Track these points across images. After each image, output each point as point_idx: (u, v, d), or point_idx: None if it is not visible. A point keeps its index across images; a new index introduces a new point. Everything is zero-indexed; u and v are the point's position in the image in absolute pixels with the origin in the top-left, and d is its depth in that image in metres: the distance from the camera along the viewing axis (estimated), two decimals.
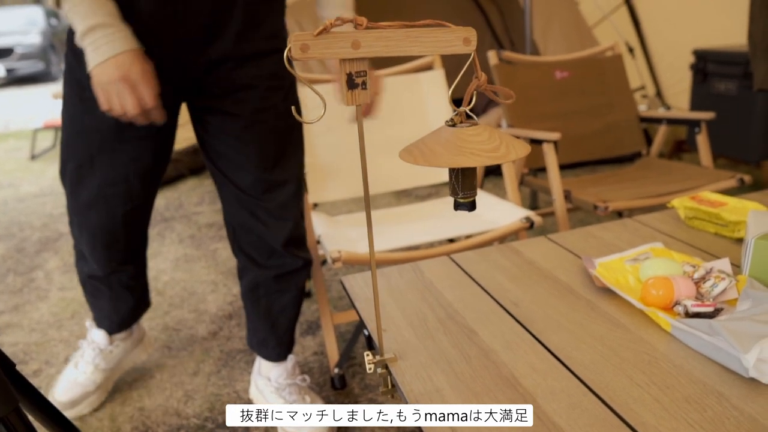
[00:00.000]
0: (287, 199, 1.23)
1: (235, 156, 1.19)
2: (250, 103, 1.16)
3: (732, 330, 0.64)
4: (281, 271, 1.31)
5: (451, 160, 0.55)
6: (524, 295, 0.86)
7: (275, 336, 1.38)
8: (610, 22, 3.70)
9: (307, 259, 1.33)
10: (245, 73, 1.14)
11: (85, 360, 1.49)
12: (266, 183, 1.21)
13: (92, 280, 1.38)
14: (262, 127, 1.18)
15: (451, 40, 0.58)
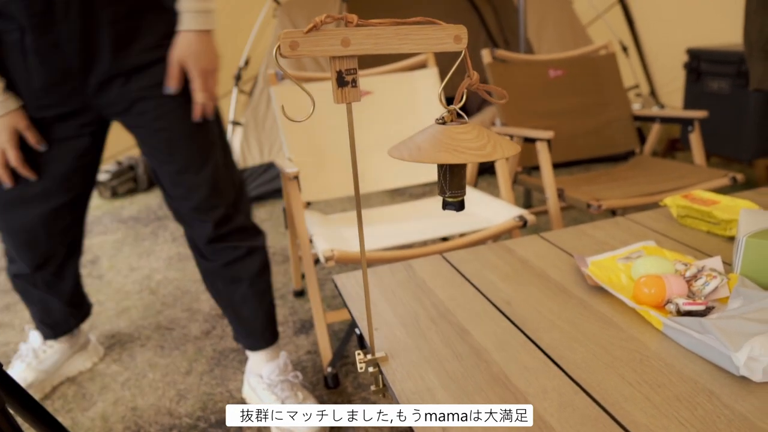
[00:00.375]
0: (200, 202, 1.27)
1: (154, 164, 1.27)
2: (149, 114, 1.20)
3: (723, 328, 0.64)
4: (225, 261, 1.34)
5: (436, 156, 0.54)
6: (516, 294, 0.85)
7: (244, 326, 1.41)
8: (604, 21, 3.71)
9: (251, 248, 1.35)
10: (134, 86, 1.18)
11: (19, 358, 1.56)
12: (179, 187, 1.26)
13: (18, 279, 1.43)
14: (165, 135, 1.22)
15: (441, 38, 0.58)
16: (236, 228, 1.33)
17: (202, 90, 1.17)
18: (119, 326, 1.89)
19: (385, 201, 2.95)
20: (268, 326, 1.43)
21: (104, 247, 2.60)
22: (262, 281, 1.39)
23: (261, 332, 1.42)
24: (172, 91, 1.18)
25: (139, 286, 2.17)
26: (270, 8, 3.21)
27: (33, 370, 1.53)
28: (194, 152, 1.24)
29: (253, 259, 1.36)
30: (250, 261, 1.36)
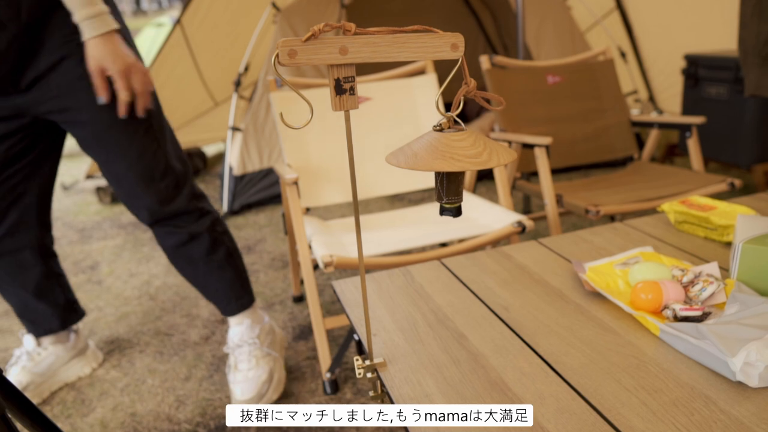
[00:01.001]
0: (129, 190, 1.33)
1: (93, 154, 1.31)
2: (71, 110, 1.24)
3: (719, 334, 0.65)
4: (173, 244, 1.43)
5: (432, 164, 0.55)
6: (514, 300, 0.86)
7: (212, 297, 1.51)
8: (602, 27, 3.73)
9: (193, 233, 1.42)
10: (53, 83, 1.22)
11: (15, 363, 1.57)
12: (109, 176, 1.32)
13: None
14: (89, 129, 1.26)
15: (438, 46, 0.58)
16: (173, 213, 1.39)
17: (125, 89, 1.20)
18: (118, 332, 1.89)
19: (384, 206, 2.96)
20: (233, 296, 1.51)
21: (104, 252, 2.61)
22: (215, 259, 1.46)
23: (226, 302, 1.51)
24: (104, 101, 1.21)
25: (139, 292, 2.17)
26: (270, 14, 3.23)
27: (28, 372, 1.54)
28: (118, 141, 1.27)
29: (198, 243, 1.43)
30: (196, 244, 1.43)
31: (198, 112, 3.90)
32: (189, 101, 3.77)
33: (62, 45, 1.19)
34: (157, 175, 1.33)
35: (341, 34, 0.56)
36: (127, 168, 1.30)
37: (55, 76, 1.21)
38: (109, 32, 1.15)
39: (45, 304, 1.54)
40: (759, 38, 1.56)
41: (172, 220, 1.40)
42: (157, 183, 1.34)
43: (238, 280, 1.51)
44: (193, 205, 1.42)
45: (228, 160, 3.05)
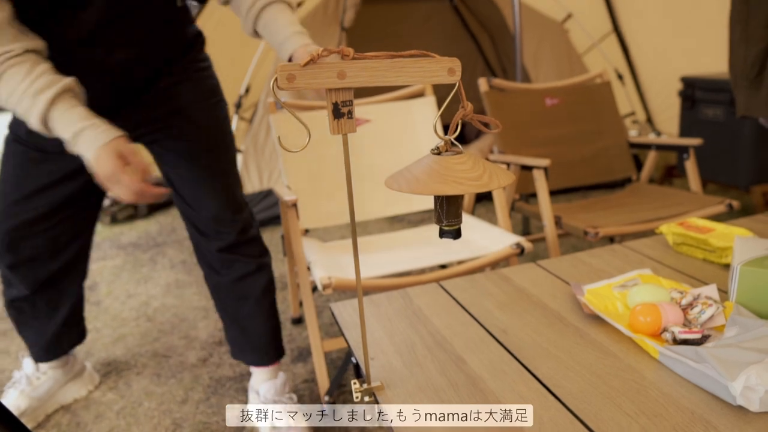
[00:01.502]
0: (220, 210, 1.34)
1: (177, 170, 1.34)
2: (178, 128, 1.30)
3: (719, 357, 0.64)
4: (235, 277, 1.40)
5: (434, 187, 0.55)
6: (513, 323, 0.85)
7: (249, 342, 1.45)
8: (599, 50, 3.76)
9: (260, 264, 1.42)
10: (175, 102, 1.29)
11: (13, 386, 1.55)
12: (200, 194, 1.33)
13: (16, 303, 1.44)
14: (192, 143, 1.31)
15: (436, 70, 0.59)
16: (251, 238, 1.40)
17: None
18: (115, 353, 1.87)
19: (383, 228, 2.96)
20: (273, 343, 1.47)
21: (103, 273, 2.60)
22: (267, 299, 1.44)
23: (266, 349, 1.46)
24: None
25: (137, 313, 2.16)
26: None
27: (26, 397, 1.52)
28: (216, 166, 1.33)
29: (261, 276, 1.42)
30: (259, 277, 1.41)
31: None
32: None
33: (184, 70, 1.29)
34: (241, 199, 1.39)
35: (339, 58, 0.57)
36: (223, 188, 1.34)
37: (171, 94, 1.28)
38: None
39: (66, 329, 1.53)
40: (746, 62, 1.59)
41: (248, 245, 1.40)
42: (242, 207, 1.38)
43: (277, 328, 1.49)
44: (260, 236, 1.45)
45: None
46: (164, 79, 1.27)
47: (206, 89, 1.34)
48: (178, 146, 1.31)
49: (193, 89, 1.31)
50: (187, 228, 1.41)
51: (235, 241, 1.37)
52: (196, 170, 1.32)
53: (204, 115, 1.33)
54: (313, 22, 3.09)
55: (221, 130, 1.36)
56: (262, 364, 1.47)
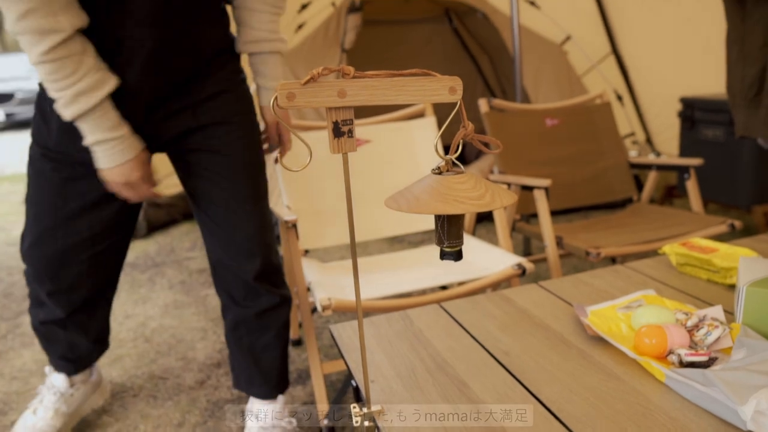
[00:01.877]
0: (252, 234, 1.29)
1: (209, 190, 1.28)
2: (218, 139, 1.25)
3: (727, 381, 0.63)
4: (259, 309, 1.34)
5: (435, 207, 0.54)
6: (515, 345, 0.84)
7: (261, 374, 1.40)
8: (598, 71, 3.79)
9: (284, 296, 1.37)
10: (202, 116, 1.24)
11: (45, 405, 1.47)
12: (234, 216, 1.28)
13: (47, 324, 1.39)
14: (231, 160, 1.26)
15: (436, 89, 0.58)
16: (277, 267, 1.36)
17: (290, 141, 1.37)
18: (111, 375, 1.85)
19: (383, 249, 2.95)
20: (282, 375, 1.44)
21: None
22: (286, 333, 1.41)
23: (275, 381, 1.42)
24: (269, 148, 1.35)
25: (134, 334, 2.14)
26: None
27: (61, 416, 1.46)
28: (254, 184, 1.29)
29: (284, 309, 1.38)
30: (282, 310, 1.38)
31: None
32: None
33: (226, 79, 1.25)
34: (271, 225, 1.35)
35: (340, 77, 0.56)
36: (258, 211, 1.30)
37: (213, 104, 1.23)
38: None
39: (96, 343, 1.47)
40: (744, 82, 1.59)
41: (274, 275, 1.35)
42: (271, 232, 1.35)
43: (287, 363, 1.45)
44: (281, 265, 1.41)
45: None
46: (208, 84, 1.22)
47: (248, 102, 1.30)
48: (219, 160, 1.26)
49: (237, 101, 1.27)
50: (210, 252, 1.33)
51: (263, 268, 1.31)
52: (237, 187, 1.27)
53: (247, 130, 1.28)
54: (314, 43, 3.11)
55: (260, 145, 1.33)
56: (270, 397, 1.43)
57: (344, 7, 3.15)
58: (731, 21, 1.60)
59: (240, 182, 1.27)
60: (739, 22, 1.57)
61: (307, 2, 3.40)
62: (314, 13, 3.52)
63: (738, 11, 1.56)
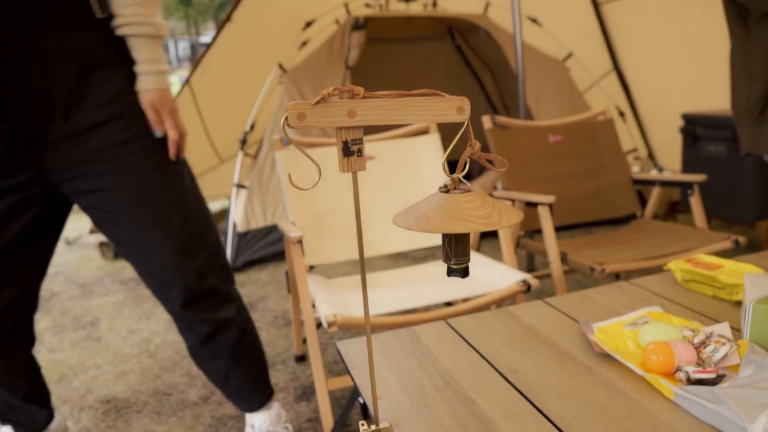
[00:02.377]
0: (167, 261, 1.22)
1: (115, 230, 1.22)
2: (107, 175, 1.18)
3: (736, 398, 0.63)
4: (201, 337, 1.31)
5: (444, 226, 0.55)
6: (523, 362, 0.84)
7: (234, 395, 1.41)
8: (600, 88, 3.82)
9: (223, 321, 1.31)
10: (91, 145, 1.16)
11: None
12: (144, 249, 1.22)
13: None
14: (127, 195, 1.19)
15: (445, 109, 0.59)
16: (207, 290, 1.28)
17: (174, 128, 1.21)
18: (116, 391, 1.84)
19: (387, 265, 2.95)
20: (257, 389, 1.43)
21: (104, 308, 2.58)
22: (240, 353, 1.36)
23: (250, 397, 1.42)
24: (160, 134, 1.21)
25: (138, 349, 2.14)
26: (276, 75, 3.32)
27: None
28: (158, 208, 1.21)
29: (226, 334, 1.33)
30: (223, 336, 1.33)
31: (203, 169, 3.95)
32: (195, 158, 3.82)
33: (108, 105, 1.16)
34: (197, 244, 1.26)
35: (349, 97, 0.57)
36: (168, 236, 1.22)
37: (96, 136, 1.15)
38: (167, 88, 1.21)
39: (33, 405, 1.39)
40: (750, 100, 1.60)
41: (205, 300, 1.28)
42: (195, 255, 1.25)
43: (261, 371, 1.43)
44: (223, 286, 1.32)
45: (232, 217, 3.07)
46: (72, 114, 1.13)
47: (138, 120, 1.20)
48: (102, 198, 1.19)
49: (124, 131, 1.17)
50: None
51: (187, 295, 1.25)
52: (137, 221, 1.20)
53: (121, 157, 1.18)
54: (318, 60, 3.14)
55: (150, 166, 1.21)
56: (251, 409, 1.44)
57: (348, 25, 3.19)
58: (735, 39, 1.62)
59: (143, 213, 1.20)
60: (744, 40, 1.58)
61: (311, 20, 3.44)
62: (318, 31, 3.56)
63: (742, 29, 1.58)
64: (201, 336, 1.31)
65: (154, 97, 1.19)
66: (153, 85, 1.19)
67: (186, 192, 1.26)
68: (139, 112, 1.19)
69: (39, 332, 2.35)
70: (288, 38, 3.50)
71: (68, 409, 1.76)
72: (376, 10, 3.69)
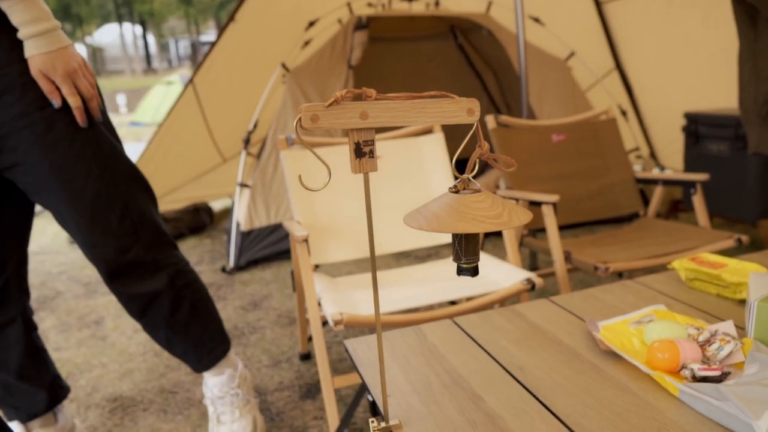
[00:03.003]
0: (86, 237, 1.20)
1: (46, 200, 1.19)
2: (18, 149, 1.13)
3: (741, 395, 0.64)
4: (135, 313, 1.30)
5: (455, 226, 0.56)
6: (529, 359, 0.85)
7: (181, 358, 1.42)
8: (602, 87, 3.82)
9: (152, 293, 1.29)
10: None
11: None
12: (64, 224, 1.20)
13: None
14: (39, 169, 1.15)
15: (455, 111, 0.60)
16: (130, 263, 1.24)
17: (73, 94, 1.13)
18: (122, 389, 1.86)
19: (390, 264, 2.96)
20: (203, 351, 1.41)
21: (109, 307, 2.60)
22: (178, 318, 1.34)
23: (197, 360, 1.42)
24: (57, 104, 1.13)
25: (143, 348, 2.15)
26: (279, 74, 3.32)
27: None
28: (69, 181, 1.16)
29: (160, 304, 1.31)
30: (158, 307, 1.31)
31: (206, 168, 3.96)
32: (198, 157, 3.84)
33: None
34: (114, 219, 1.21)
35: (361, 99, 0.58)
36: (77, 213, 1.18)
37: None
38: (58, 49, 1.10)
39: (29, 385, 1.38)
40: (757, 100, 1.61)
41: (128, 274, 1.25)
42: (113, 228, 1.21)
43: (206, 334, 1.40)
44: (151, 255, 1.27)
45: (235, 216, 3.08)
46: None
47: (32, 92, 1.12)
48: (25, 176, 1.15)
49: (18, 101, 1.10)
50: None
51: (109, 268, 1.22)
52: (50, 197, 1.16)
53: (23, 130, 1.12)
54: (321, 59, 3.15)
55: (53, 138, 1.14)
56: (202, 369, 1.44)
57: (351, 24, 3.19)
58: (744, 39, 1.62)
59: (61, 186, 1.16)
60: (752, 40, 1.59)
61: (314, 19, 3.45)
62: (321, 30, 3.57)
63: (751, 30, 1.58)
64: (134, 311, 1.30)
65: (41, 63, 1.09)
66: (37, 50, 1.08)
67: (100, 161, 1.19)
68: (30, 82, 1.11)
69: (44, 331, 2.36)
70: (291, 38, 3.51)
71: (75, 408, 1.77)
72: (378, 9, 3.70)
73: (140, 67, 32.26)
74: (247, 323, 2.31)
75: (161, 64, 35.37)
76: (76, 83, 1.13)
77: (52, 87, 1.11)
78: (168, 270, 1.31)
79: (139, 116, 10.17)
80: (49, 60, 1.09)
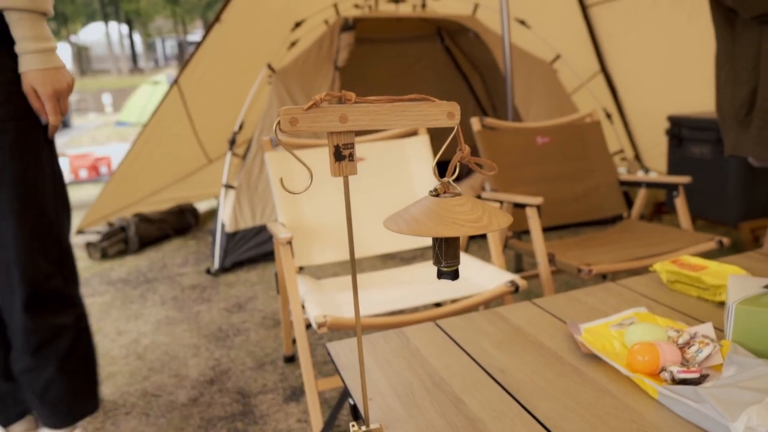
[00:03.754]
0: (18, 254, 1.18)
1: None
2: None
3: (718, 397, 0.65)
4: (33, 345, 1.23)
5: (435, 229, 0.56)
6: (511, 362, 0.85)
7: (45, 407, 1.30)
8: (587, 89, 3.85)
9: (58, 326, 1.25)
10: None
11: None
12: (6, 225, 1.17)
13: None
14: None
15: (435, 114, 0.60)
16: (51, 292, 1.23)
17: (55, 113, 1.16)
18: (104, 393, 1.84)
19: (376, 266, 2.96)
20: (77, 404, 1.33)
21: (92, 309, 2.57)
22: (71, 360, 1.29)
23: (67, 411, 1.32)
24: (46, 121, 1.16)
25: (126, 351, 2.13)
26: (265, 75, 3.31)
27: None
28: (21, 195, 1.16)
29: (62, 340, 1.27)
30: (57, 343, 1.26)
31: (192, 169, 3.94)
32: (183, 158, 3.81)
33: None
34: (49, 243, 1.20)
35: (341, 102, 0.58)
36: (18, 227, 1.16)
37: None
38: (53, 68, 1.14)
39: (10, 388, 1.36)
40: (734, 103, 1.63)
41: (46, 303, 1.22)
42: (47, 252, 1.20)
43: (87, 385, 1.33)
44: (68, 289, 1.27)
45: (220, 217, 3.06)
46: None
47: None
48: None
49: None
50: None
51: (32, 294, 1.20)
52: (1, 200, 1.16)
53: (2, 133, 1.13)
54: (307, 60, 3.14)
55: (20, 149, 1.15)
56: (61, 426, 1.33)
57: (337, 26, 3.19)
58: (722, 42, 1.64)
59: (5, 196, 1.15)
60: (730, 43, 1.60)
61: (300, 20, 3.44)
62: (307, 31, 3.56)
63: (728, 33, 1.60)
64: (32, 343, 1.23)
65: (34, 79, 1.12)
66: (33, 66, 1.12)
67: (56, 181, 1.21)
68: (17, 93, 1.14)
69: None
70: (277, 38, 3.50)
71: None
72: (365, 10, 3.70)
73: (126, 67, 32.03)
74: (232, 325, 2.30)
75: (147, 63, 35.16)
76: (60, 103, 1.16)
77: (41, 105, 1.14)
78: (77, 309, 1.30)
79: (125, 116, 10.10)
80: (42, 77, 1.13)
